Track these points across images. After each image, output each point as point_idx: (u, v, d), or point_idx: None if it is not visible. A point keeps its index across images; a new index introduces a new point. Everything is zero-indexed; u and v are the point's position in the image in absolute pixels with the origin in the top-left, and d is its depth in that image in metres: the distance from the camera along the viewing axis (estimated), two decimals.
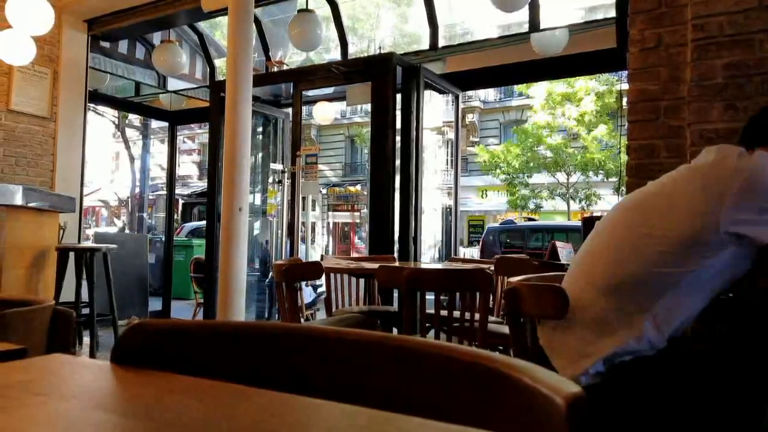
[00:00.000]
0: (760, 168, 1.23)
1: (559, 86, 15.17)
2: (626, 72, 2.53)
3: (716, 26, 2.13)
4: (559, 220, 14.71)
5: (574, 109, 15.20)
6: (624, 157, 2.56)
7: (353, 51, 15.05)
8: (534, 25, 3.99)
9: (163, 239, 7.02)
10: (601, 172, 15.45)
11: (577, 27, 4.09)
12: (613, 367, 1.27)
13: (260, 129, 5.75)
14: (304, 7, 4.25)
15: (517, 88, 18.34)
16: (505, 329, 2.48)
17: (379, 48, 16.93)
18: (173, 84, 6.50)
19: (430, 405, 0.49)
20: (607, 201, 15.40)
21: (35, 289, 2.95)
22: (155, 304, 6.09)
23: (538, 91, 15.88)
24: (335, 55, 6.26)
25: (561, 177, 16.39)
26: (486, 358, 0.47)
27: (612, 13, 3.72)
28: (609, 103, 14.92)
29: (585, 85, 14.97)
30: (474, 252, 13.27)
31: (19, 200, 2.76)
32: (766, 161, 1.24)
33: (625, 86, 2.58)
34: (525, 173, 16.47)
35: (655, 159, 2.39)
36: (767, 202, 1.20)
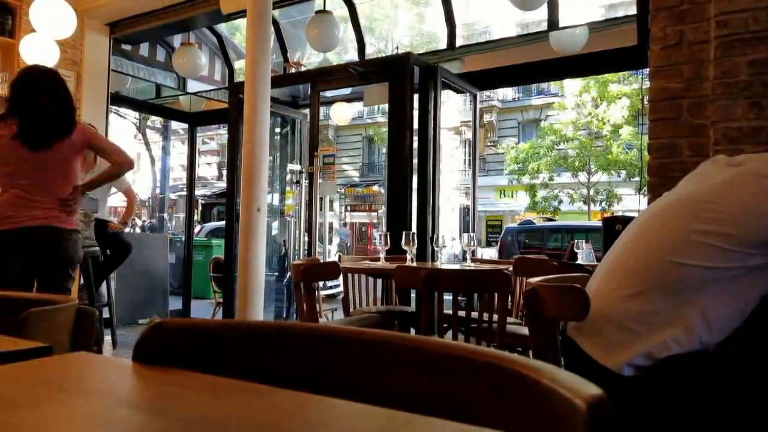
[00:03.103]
0: None
1: (591, 84, 15.02)
2: (647, 70, 2.50)
3: (741, 23, 2.09)
4: (579, 221, 14.56)
5: (603, 111, 15.02)
6: (646, 156, 2.52)
7: (371, 51, 15.08)
8: (553, 23, 3.95)
9: (183, 239, 7.10)
10: (623, 171, 15.25)
11: (596, 25, 4.04)
12: (659, 361, 1.27)
13: (278, 129, 5.79)
14: (322, 8, 4.27)
15: (539, 86, 18.23)
16: (524, 330, 2.46)
17: (397, 48, 16.92)
18: (193, 86, 6.57)
19: (447, 406, 0.49)
20: (631, 201, 15.14)
21: None
22: (175, 304, 6.17)
23: (569, 88, 15.75)
24: (353, 55, 6.29)
25: (582, 177, 16.22)
26: (504, 359, 0.47)
27: (633, 11, 3.67)
28: (636, 105, 14.73)
29: (619, 88, 14.78)
30: (492, 252, 13.19)
31: None
32: None
33: (647, 84, 2.55)
34: (547, 173, 16.33)
35: (677, 158, 2.35)
36: None
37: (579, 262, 3.42)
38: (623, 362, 1.29)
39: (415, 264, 2.86)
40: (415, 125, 4.04)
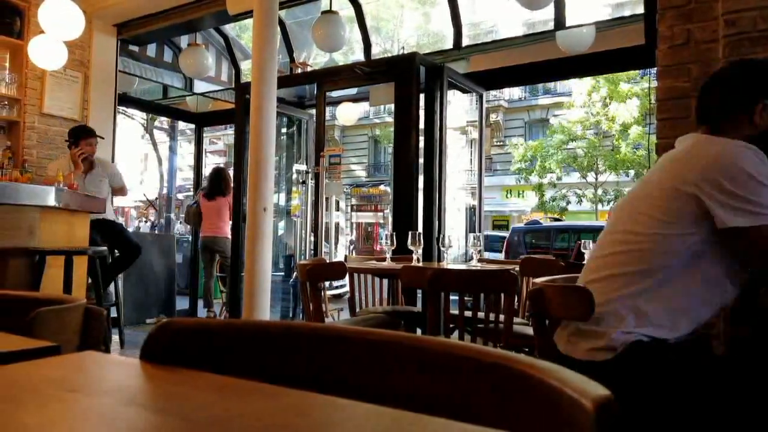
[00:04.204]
0: (727, 152, 1.31)
1: (601, 84, 14.95)
2: (655, 69, 2.48)
3: (749, 21, 2.07)
4: (586, 221, 14.48)
5: (615, 109, 14.93)
6: (654, 156, 2.51)
7: (377, 51, 15.08)
8: (559, 22, 3.94)
9: (190, 239, 7.13)
10: (631, 171, 15.17)
11: (603, 24, 4.02)
12: (623, 350, 1.28)
13: (284, 130, 5.80)
14: (328, 8, 4.27)
15: (545, 86, 18.17)
16: (530, 330, 2.45)
17: (403, 48, 16.90)
18: (200, 86, 6.60)
19: (453, 406, 0.49)
20: None
21: (67, 288, 3.02)
22: (182, 304, 6.19)
23: (578, 87, 15.69)
24: (359, 55, 6.29)
25: (590, 177, 16.16)
26: (511, 360, 0.47)
27: (640, 10, 3.65)
28: (646, 105, 14.65)
29: (630, 88, 14.70)
30: (497, 253, 13.14)
31: (51, 201, 2.83)
32: (733, 147, 1.31)
33: (655, 84, 2.54)
34: (555, 172, 16.26)
35: None
36: (730, 185, 1.25)
37: (586, 262, 3.40)
38: (586, 351, 1.31)
39: (421, 264, 2.86)
40: (421, 125, 4.03)
